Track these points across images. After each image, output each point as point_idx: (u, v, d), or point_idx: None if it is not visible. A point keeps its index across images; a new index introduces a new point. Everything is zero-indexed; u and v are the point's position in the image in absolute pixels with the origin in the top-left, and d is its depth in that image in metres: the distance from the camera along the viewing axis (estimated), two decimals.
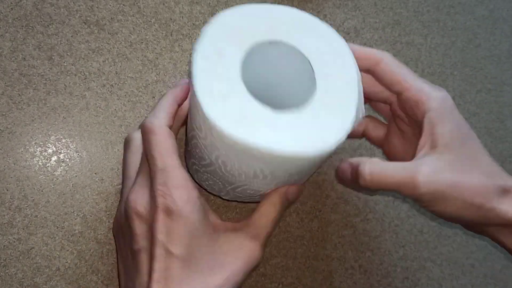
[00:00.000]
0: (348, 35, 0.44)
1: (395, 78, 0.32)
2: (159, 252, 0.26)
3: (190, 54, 0.39)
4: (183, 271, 0.26)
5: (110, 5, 0.38)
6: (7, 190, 0.34)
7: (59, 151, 0.36)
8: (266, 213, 0.31)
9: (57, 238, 0.35)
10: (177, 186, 0.27)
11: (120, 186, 0.36)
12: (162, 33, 0.39)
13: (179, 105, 0.30)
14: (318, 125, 0.26)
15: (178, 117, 0.31)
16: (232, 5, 0.41)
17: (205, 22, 0.40)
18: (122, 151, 0.36)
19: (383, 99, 0.34)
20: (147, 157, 0.28)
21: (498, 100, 0.50)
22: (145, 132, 0.29)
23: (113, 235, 0.34)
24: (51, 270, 0.34)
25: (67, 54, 0.36)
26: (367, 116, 0.37)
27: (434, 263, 0.45)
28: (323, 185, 0.42)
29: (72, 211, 0.35)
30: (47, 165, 0.35)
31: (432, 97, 0.31)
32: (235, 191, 0.32)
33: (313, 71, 0.28)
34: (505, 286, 0.47)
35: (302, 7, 0.43)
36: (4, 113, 0.35)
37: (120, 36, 0.38)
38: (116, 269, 0.36)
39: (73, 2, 0.37)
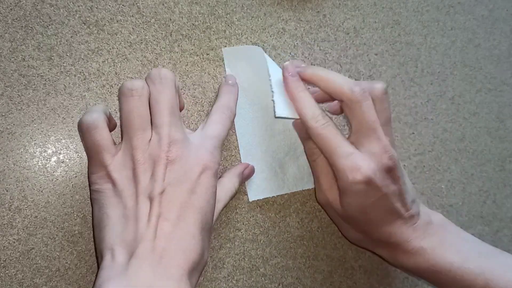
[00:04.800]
0: (348, 35, 0.44)
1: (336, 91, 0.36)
2: None
3: (190, 55, 0.39)
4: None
5: (109, 6, 0.38)
6: (7, 191, 0.34)
7: (58, 151, 0.36)
8: (225, 189, 0.36)
9: (57, 238, 0.35)
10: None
11: None
12: (162, 34, 0.39)
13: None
14: None
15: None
16: (231, 6, 0.41)
17: (204, 22, 0.40)
18: None
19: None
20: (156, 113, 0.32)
21: (498, 100, 0.49)
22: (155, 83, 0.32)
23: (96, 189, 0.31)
24: (51, 270, 0.34)
25: (67, 55, 0.36)
26: None
27: None
28: None
29: (72, 211, 0.35)
30: (47, 165, 0.35)
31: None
32: None
33: None
34: None
35: (302, 7, 0.43)
36: (3, 114, 0.35)
37: (120, 37, 0.38)
38: None
39: (73, 3, 0.37)
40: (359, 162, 0.33)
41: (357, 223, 0.37)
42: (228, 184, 0.36)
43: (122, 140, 0.32)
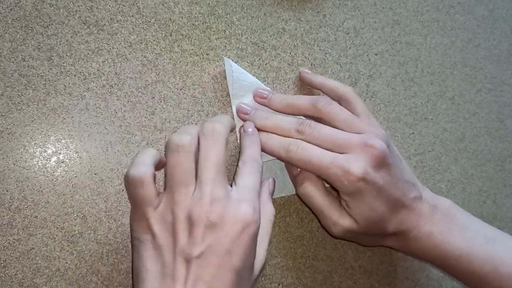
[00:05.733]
0: (348, 35, 0.44)
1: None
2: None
3: (190, 55, 0.39)
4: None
5: (109, 6, 0.38)
6: (7, 191, 0.34)
7: (58, 151, 0.36)
8: (263, 231, 0.34)
9: (57, 238, 0.35)
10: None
11: (120, 186, 0.36)
12: (162, 34, 0.39)
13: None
14: None
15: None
16: (231, 6, 0.41)
17: (204, 22, 0.40)
18: (122, 151, 0.36)
19: None
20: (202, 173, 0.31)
21: (498, 100, 0.49)
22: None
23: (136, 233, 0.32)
24: (51, 270, 0.34)
25: (67, 55, 0.36)
26: None
27: None
28: None
29: (72, 211, 0.35)
30: (47, 165, 0.35)
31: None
32: None
33: None
34: None
35: (302, 7, 0.43)
36: (3, 114, 0.35)
37: (120, 37, 0.38)
38: (116, 270, 0.35)
39: (73, 3, 0.37)
40: (346, 165, 0.34)
41: (373, 225, 0.37)
42: (262, 223, 0.35)
43: (165, 191, 0.32)
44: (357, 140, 0.34)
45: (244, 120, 0.39)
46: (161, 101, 0.38)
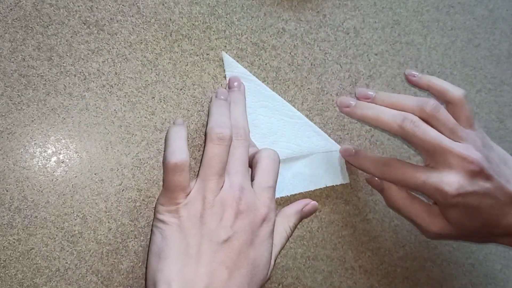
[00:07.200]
0: (348, 35, 0.44)
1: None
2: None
3: (190, 55, 0.39)
4: None
5: (109, 6, 0.38)
6: (7, 191, 0.34)
7: (58, 151, 0.36)
8: (278, 233, 0.35)
9: (57, 238, 0.35)
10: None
11: (120, 186, 0.36)
12: (162, 34, 0.39)
13: None
14: None
15: None
16: (231, 6, 0.41)
17: (204, 22, 0.40)
18: (122, 151, 0.36)
19: None
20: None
21: (498, 100, 0.50)
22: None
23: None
24: (51, 271, 0.34)
25: (67, 55, 0.36)
26: None
27: (434, 263, 0.45)
28: None
29: (72, 211, 0.35)
30: (47, 165, 0.35)
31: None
32: None
33: None
34: (505, 286, 0.47)
35: (302, 7, 0.43)
36: (3, 114, 0.35)
37: (120, 37, 0.38)
38: (116, 270, 0.35)
39: (73, 3, 0.37)
40: (439, 184, 0.34)
41: (475, 229, 0.37)
42: (279, 228, 0.36)
43: (197, 178, 0.34)
44: (457, 151, 0.34)
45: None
46: (161, 101, 0.38)
